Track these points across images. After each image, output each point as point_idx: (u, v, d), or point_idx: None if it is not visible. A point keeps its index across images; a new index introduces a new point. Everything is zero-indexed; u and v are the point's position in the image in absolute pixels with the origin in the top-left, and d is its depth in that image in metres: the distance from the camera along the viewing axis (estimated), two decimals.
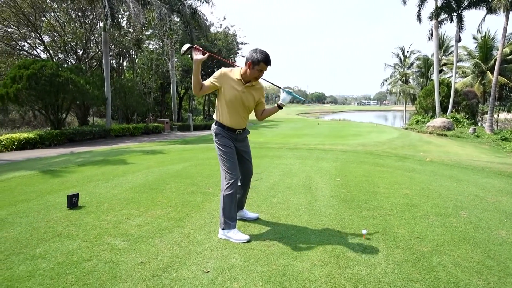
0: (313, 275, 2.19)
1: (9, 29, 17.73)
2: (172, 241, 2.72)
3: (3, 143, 11.87)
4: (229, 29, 32.94)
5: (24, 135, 12.54)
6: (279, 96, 2.99)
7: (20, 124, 22.81)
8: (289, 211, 3.45)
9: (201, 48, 2.68)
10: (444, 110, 23.57)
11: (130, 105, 20.79)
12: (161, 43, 24.59)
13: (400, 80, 35.06)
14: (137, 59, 26.70)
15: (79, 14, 19.39)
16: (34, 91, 13.24)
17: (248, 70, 2.75)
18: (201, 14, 22.35)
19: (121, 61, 26.64)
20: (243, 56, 43.53)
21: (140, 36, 21.43)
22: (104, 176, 5.10)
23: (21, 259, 2.45)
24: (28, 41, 19.89)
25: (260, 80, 2.92)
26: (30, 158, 9.00)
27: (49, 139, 13.32)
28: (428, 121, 21.50)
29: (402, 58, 34.82)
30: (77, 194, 3.68)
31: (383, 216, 3.30)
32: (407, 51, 34.34)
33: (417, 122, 24.35)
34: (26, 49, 20.10)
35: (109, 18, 16.38)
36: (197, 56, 2.63)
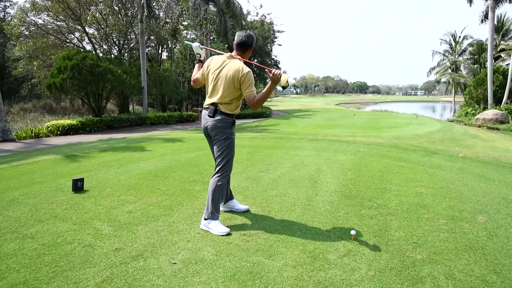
0: (280, 276, 2.05)
1: (59, 23, 19.12)
2: (153, 229, 2.72)
3: (49, 128, 12.91)
4: (265, 17, 32.47)
5: (68, 121, 13.53)
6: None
7: (70, 111, 24.75)
8: (283, 205, 3.29)
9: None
10: (497, 101, 21.25)
11: (165, 94, 21.51)
12: (197, 33, 24.98)
13: (450, 68, 32.14)
14: (175, 49, 27.45)
15: (120, 5, 20.30)
16: (77, 81, 14.17)
17: (247, 54, 2.80)
18: (236, 2, 22.21)
19: (159, 51, 27.51)
20: (279, 45, 42.86)
21: (176, 26, 21.91)
22: (118, 162, 5.30)
23: (13, 238, 2.61)
24: (76, 34, 21.32)
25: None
26: (69, 143, 9.69)
27: (89, 125, 14.23)
28: (480, 113, 19.55)
29: (453, 44, 31.80)
30: (82, 178, 3.84)
31: (384, 216, 3.02)
32: (459, 36, 31.29)
33: (466, 114, 22.27)
34: (74, 41, 21.58)
35: (145, 9, 16.92)
36: (284, 76, 2.50)
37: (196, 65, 3.01)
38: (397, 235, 2.62)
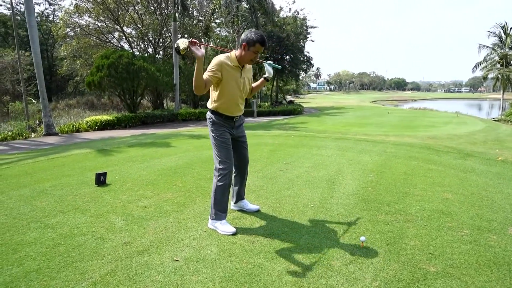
0: (279, 280, 2.00)
1: (99, 24, 20.25)
2: (163, 225, 2.79)
3: (88, 124, 13.75)
4: (298, 13, 31.95)
5: (105, 117, 14.30)
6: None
7: (109, 107, 26.18)
8: (295, 207, 3.22)
9: (197, 41, 2.54)
10: None
11: None
12: (230, 30, 25.22)
13: (499, 63, 29.57)
14: (208, 47, 27.91)
15: (156, 5, 21.03)
16: (113, 78, 14.94)
17: (243, 52, 2.62)
18: None
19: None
20: (312, 41, 42.07)
21: (209, 24, 22.29)
22: (142, 157, 5.50)
23: (36, 227, 2.79)
24: (116, 34, 22.45)
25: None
26: (103, 138, 10.25)
27: (124, 121, 14.96)
28: None
29: (503, 36, 29.18)
30: (105, 172, 4.03)
31: (401, 222, 2.84)
32: (510, 28, 28.60)
33: None
34: (114, 41, 22.73)
35: (179, 7, 17.39)
36: (199, 51, 2.44)
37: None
38: (412, 244, 2.46)
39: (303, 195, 3.56)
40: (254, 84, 2.97)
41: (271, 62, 2.85)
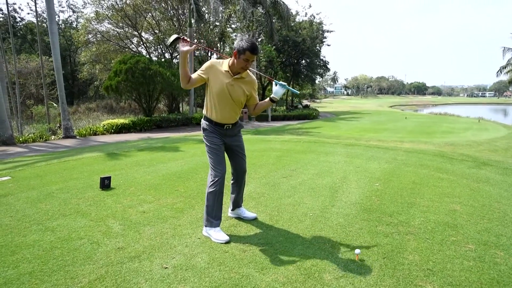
0: None
1: (118, 30, 20.89)
2: (158, 231, 2.79)
3: (105, 127, 14.14)
4: (314, 17, 31.82)
5: (121, 121, 14.67)
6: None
7: (127, 111, 26.84)
8: (293, 215, 3.16)
9: (188, 39, 2.62)
10: None
11: None
12: (246, 35, 25.38)
13: None
14: (224, 52, 28.21)
15: (173, 12, 21.48)
16: (130, 83, 15.32)
17: (234, 60, 2.59)
18: (282, 3, 22.11)
19: (209, 54, 28.51)
20: (328, 45, 41.75)
21: (224, 29, 22.52)
22: (150, 161, 5.57)
23: (38, 229, 2.86)
24: (134, 39, 23.08)
25: (251, 73, 2.73)
26: (116, 141, 10.49)
27: (140, 124, 15.28)
28: None
29: None
30: (110, 176, 4.10)
31: (402, 235, 2.73)
32: None
33: None
34: (132, 46, 23.35)
35: (194, 14, 17.67)
36: (184, 47, 2.57)
37: None
38: (410, 258, 2.35)
39: (303, 203, 3.49)
40: (260, 102, 2.82)
41: (285, 84, 2.63)
